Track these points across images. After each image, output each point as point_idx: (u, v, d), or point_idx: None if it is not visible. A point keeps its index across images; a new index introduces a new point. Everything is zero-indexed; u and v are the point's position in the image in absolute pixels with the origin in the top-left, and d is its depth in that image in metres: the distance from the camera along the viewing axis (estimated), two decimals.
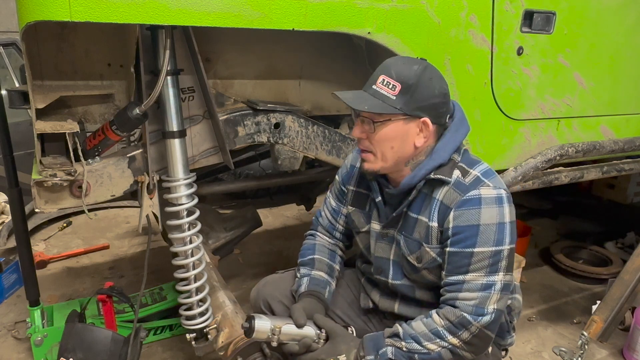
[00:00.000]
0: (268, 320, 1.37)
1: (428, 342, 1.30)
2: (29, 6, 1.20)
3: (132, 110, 1.54)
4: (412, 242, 1.40)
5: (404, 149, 1.32)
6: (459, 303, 1.30)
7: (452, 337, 1.29)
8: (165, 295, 2.44)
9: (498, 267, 1.29)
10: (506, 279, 1.31)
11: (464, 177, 1.33)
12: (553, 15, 1.97)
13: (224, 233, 2.42)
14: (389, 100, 1.27)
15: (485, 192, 1.29)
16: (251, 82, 1.94)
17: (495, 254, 1.28)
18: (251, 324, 1.35)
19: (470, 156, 1.40)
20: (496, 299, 1.30)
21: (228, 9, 1.38)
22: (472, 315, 1.28)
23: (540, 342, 2.47)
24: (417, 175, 1.34)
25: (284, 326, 1.37)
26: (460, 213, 1.29)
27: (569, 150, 2.14)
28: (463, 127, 1.37)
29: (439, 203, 1.34)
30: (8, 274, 2.73)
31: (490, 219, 1.28)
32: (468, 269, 1.29)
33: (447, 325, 1.30)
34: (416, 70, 1.27)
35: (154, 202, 1.72)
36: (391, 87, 1.26)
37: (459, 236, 1.30)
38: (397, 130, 1.30)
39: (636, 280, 2.13)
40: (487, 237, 1.28)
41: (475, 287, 1.29)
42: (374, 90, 1.29)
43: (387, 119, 1.28)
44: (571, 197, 4.22)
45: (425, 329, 1.31)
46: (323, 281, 1.54)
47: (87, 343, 1.82)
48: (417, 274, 1.43)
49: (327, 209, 1.66)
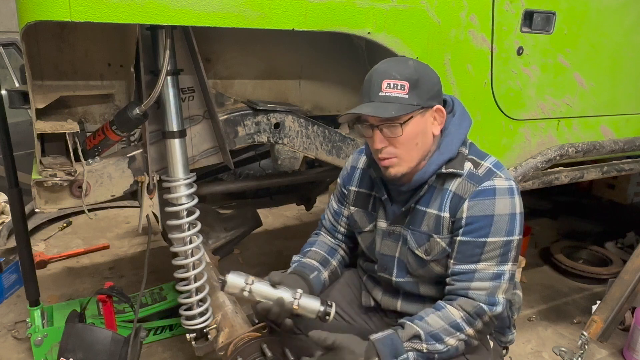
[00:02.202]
0: (243, 276, 1.38)
1: (448, 337, 1.29)
2: (29, 6, 1.20)
3: (132, 110, 1.54)
4: (420, 235, 1.42)
5: (426, 142, 1.35)
6: (472, 293, 1.31)
7: (469, 327, 1.30)
8: (165, 295, 2.44)
9: (508, 257, 1.33)
10: (513, 269, 1.35)
11: (476, 168, 1.36)
12: (553, 15, 1.97)
13: (224, 233, 2.42)
14: (404, 100, 1.28)
15: (498, 183, 1.32)
16: (251, 82, 1.94)
17: (506, 244, 1.32)
18: (225, 277, 1.36)
19: (477, 149, 1.44)
20: (505, 289, 1.33)
21: (228, 9, 1.38)
22: (487, 305, 1.30)
23: (540, 342, 2.47)
24: (427, 171, 1.36)
25: (256, 282, 1.37)
26: (475, 203, 1.31)
27: (569, 150, 2.14)
28: (465, 120, 1.41)
29: (452, 194, 1.36)
30: (8, 274, 2.73)
31: (504, 209, 1.31)
32: (480, 258, 1.31)
33: (465, 317, 1.30)
34: (413, 65, 1.32)
35: (154, 202, 1.72)
36: (400, 87, 1.28)
37: (473, 226, 1.32)
38: (419, 125, 1.32)
39: (636, 280, 2.13)
40: (500, 227, 1.31)
41: (487, 276, 1.31)
42: (384, 97, 1.29)
43: (410, 117, 1.30)
44: (571, 197, 4.23)
45: (444, 323, 1.30)
46: (311, 266, 1.55)
47: (87, 343, 1.82)
48: (424, 268, 1.44)
49: (330, 211, 1.69)
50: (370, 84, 1.31)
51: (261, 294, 1.37)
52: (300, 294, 1.37)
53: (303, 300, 1.36)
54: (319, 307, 1.36)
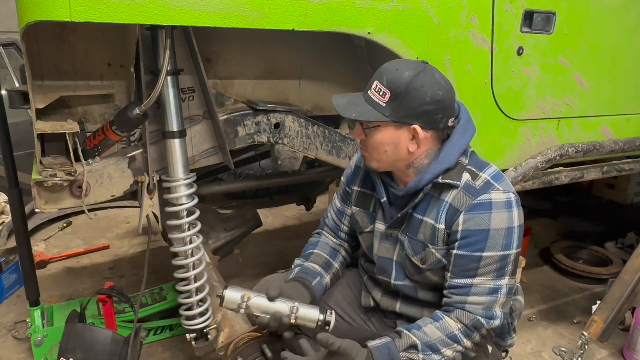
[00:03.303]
0: (240, 291, 1.37)
1: (445, 347, 1.29)
2: (29, 6, 1.20)
3: (132, 110, 1.54)
4: (416, 243, 1.40)
5: (398, 154, 1.33)
6: (469, 307, 1.30)
7: (466, 340, 1.30)
8: (165, 295, 2.44)
9: (504, 271, 1.31)
10: (511, 282, 1.33)
11: (474, 180, 1.32)
12: (553, 15, 1.97)
13: (224, 233, 2.42)
14: (378, 107, 1.27)
15: (495, 197, 1.29)
16: (251, 82, 1.94)
17: (503, 258, 1.30)
18: (222, 293, 1.36)
19: (478, 158, 1.39)
20: (502, 302, 1.31)
21: (228, 9, 1.38)
22: (484, 319, 1.29)
23: (540, 342, 2.47)
24: (423, 179, 1.33)
25: (254, 297, 1.36)
26: (471, 217, 1.29)
27: (569, 150, 2.14)
28: (469, 129, 1.36)
29: (448, 205, 1.33)
30: (8, 274, 2.73)
31: (500, 223, 1.28)
32: (476, 273, 1.30)
33: (462, 329, 1.30)
34: (406, 77, 1.25)
35: (154, 202, 1.72)
36: (381, 94, 1.27)
37: (468, 240, 1.30)
38: (388, 136, 1.30)
39: (636, 280, 2.13)
40: (496, 242, 1.29)
41: (483, 290, 1.30)
42: (368, 96, 1.30)
43: (377, 125, 1.30)
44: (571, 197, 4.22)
45: (441, 334, 1.29)
46: (314, 271, 1.54)
47: (87, 343, 1.82)
48: (421, 275, 1.43)
49: (333, 209, 1.68)
50: (371, 78, 1.33)
51: (258, 308, 1.37)
52: (297, 307, 1.35)
53: (301, 312, 1.36)
54: (318, 317, 1.36)
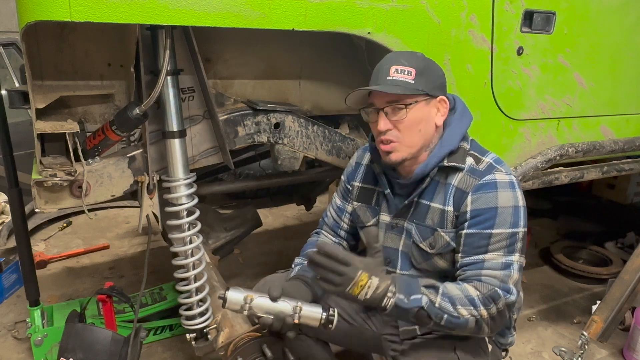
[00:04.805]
0: (242, 292, 1.37)
1: (462, 306, 1.30)
2: (29, 6, 1.20)
3: (132, 110, 1.54)
4: (425, 229, 1.44)
5: (428, 131, 1.39)
6: (485, 279, 1.32)
7: (483, 308, 1.30)
8: (165, 295, 2.44)
9: (514, 247, 1.34)
10: (521, 260, 1.37)
11: (478, 164, 1.40)
12: (553, 15, 1.96)
13: (224, 233, 2.42)
14: (409, 84, 1.33)
15: (499, 177, 1.36)
16: (251, 82, 1.94)
17: (512, 235, 1.34)
18: (225, 295, 1.36)
19: (479, 145, 1.48)
20: (516, 279, 1.34)
21: (228, 9, 1.38)
22: (502, 290, 1.31)
23: (540, 342, 2.47)
24: (429, 164, 1.39)
25: (256, 298, 1.36)
26: (478, 196, 1.35)
27: (569, 150, 2.14)
28: (466, 116, 1.45)
29: (455, 188, 1.39)
30: (8, 274, 2.74)
31: (506, 201, 1.34)
32: (487, 249, 1.34)
33: (481, 297, 1.31)
34: (419, 55, 1.40)
35: (154, 202, 1.72)
36: (407, 73, 1.33)
37: (478, 218, 1.35)
38: (423, 112, 1.36)
39: (636, 280, 2.13)
40: (504, 219, 1.33)
41: (496, 265, 1.33)
42: (392, 80, 1.34)
43: (415, 101, 1.34)
44: (571, 197, 4.22)
45: (461, 294, 1.31)
46: None
47: (87, 343, 1.82)
48: (428, 262, 1.46)
49: (333, 208, 1.70)
50: (378, 70, 1.37)
51: (261, 309, 1.36)
52: (301, 307, 1.35)
53: (304, 311, 1.35)
54: (322, 315, 1.35)
